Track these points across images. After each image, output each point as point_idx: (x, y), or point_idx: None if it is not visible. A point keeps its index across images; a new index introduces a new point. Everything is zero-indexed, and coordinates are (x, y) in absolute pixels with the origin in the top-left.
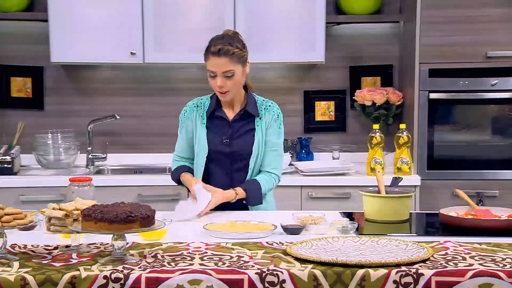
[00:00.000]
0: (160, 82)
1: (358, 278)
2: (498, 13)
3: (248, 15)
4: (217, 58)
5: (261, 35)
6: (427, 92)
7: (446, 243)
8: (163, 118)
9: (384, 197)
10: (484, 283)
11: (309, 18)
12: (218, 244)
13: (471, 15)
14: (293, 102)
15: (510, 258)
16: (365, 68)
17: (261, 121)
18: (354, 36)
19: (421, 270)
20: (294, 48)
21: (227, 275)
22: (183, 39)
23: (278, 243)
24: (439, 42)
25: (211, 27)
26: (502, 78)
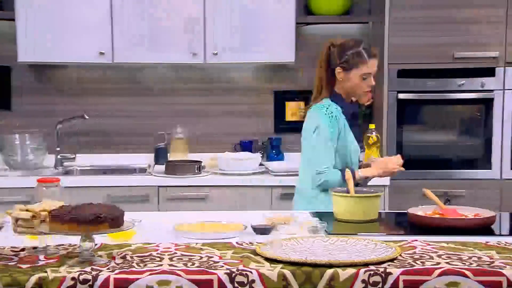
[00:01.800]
0: (130, 82)
1: (327, 277)
2: (465, 15)
3: (218, 15)
4: (374, 60)
5: (231, 36)
6: (395, 93)
7: (414, 242)
8: (133, 118)
9: (353, 197)
10: (451, 281)
11: (279, 18)
12: (188, 245)
13: (439, 16)
14: (264, 102)
15: (476, 256)
16: None
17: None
18: (324, 37)
19: (389, 269)
20: (264, 49)
21: (196, 275)
22: (153, 39)
23: (247, 243)
24: (407, 43)
25: (181, 27)
26: (469, 78)
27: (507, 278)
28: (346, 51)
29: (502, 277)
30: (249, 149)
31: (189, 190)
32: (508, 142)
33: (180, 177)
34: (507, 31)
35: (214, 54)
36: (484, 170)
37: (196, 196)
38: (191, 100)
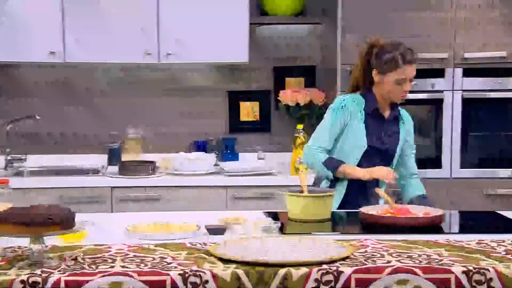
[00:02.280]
0: (82, 82)
1: (280, 277)
2: (416, 16)
3: (171, 15)
4: (410, 66)
5: (185, 36)
6: None
7: (366, 241)
8: (86, 118)
9: (306, 196)
10: (401, 279)
11: (233, 18)
12: (141, 246)
13: (390, 18)
14: (218, 102)
15: (425, 254)
16: (288, 68)
17: (403, 126)
18: (278, 37)
19: (341, 268)
20: (218, 49)
21: (149, 276)
22: (106, 38)
23: (201, 243)
24: (359, 43)
25: (134, 27)
26: (420, 79)
27: (455, 275)
28: (383, 54)
29: (451, 274)
30: (203, 149)
31: (143, 191)
32: (457, 142)
33: (134, 177)
34: (456, 32)
35: (168, 54)
36: (434, 170)
37: (150, 197)
38: (144, 100)
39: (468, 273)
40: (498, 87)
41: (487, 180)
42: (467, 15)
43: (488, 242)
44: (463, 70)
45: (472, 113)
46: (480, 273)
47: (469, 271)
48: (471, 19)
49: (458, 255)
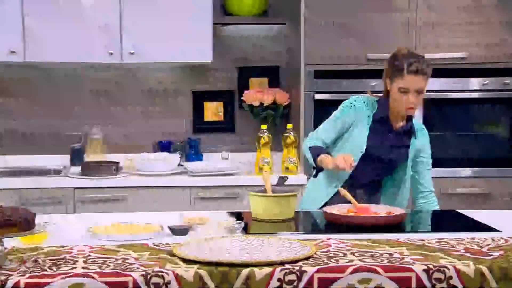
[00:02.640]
0: (44, 81)
1: (243, 277)
2: (378, 18)
3: (135, 14)
4: (414, 76)
5: (148, 35)
6: (312, 93)
7: (329, 240)
8: (48, 118)
9: (269, 196)
10: (363, 278)
11: (196, 18)
12: (103, 247)
13: (353, 19)
14: (182, 102)
15: (387, 253)
16: (252, 69)
17: (416, 141)
18: (242, 37)
19: (304, 268)
20: (182, 49)
21: (110, 277)
22: (67, 38)
23: (164, 244)
24: (323, 44)
25: (96, 26)
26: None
27: (416, 273)
28: (393, 61)
29: (412, 272)
30: (168, 149)
31: (106, 192)
32: None
33: (97, 178)
34: (417, 34)
35: (131, 53)
36: None
37: (113, 197)
38: (109, 100)
39: (428, 272)
40: (458, 87)
41: (447, 179)
42: (428, 17)
43: (448, 240)
44: None
45: (434, 113)
46: (440, 271)
47: (430, 269)
48: (433, 20)
49: (419, 254)
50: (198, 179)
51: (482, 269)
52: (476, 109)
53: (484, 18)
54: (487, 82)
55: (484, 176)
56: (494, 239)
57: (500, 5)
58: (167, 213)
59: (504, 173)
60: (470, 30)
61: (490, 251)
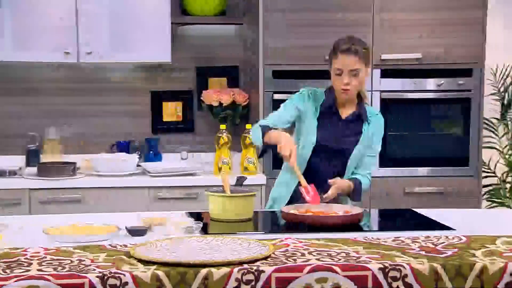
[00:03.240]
0: (19, 81)
1: (201, 277)
2: (336, 17)
3: (92, 14)
4: (346, 56)
5: (106, 35)
6: (271, 93)
7: (287, 240)
8: (2, 118)
9: (227, 196)
10: (320, 277)
11: (155, 18)
12: (58, 249)
13: (312, 19)
14: (140, 102)
15: (344, 252)
16: (212, 69)
17: (368, 127)
18: (201, 37)
19: (262, 267)
20: (140, 48)
21: (66, 279)
22: (23, 36)
23: (121, 245)
24: (281, 44)
25: (53, 25)
26: None
27: (372, 272)
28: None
29: (368, 271)
30: (126, 150)
31: (63, 193)
32: None
33: (53, 179)
34: (374, 34)
35: (88, 53)
36: None
37: (71, 198)
38: (65, 100)
39: (384, 270)
40: (414, 88)
41: (406, 178)
42: (385, 18)
43: (404, 239)
44: (381, 71)
45: (391, 113)
46: (395, 269)
47: (385, 267)
48: (389, 21)
49: (375, 253)
50: (157, 180)
51: (436, 267)
52: (432, 109)
53: (439, 19)
54: (442, 83)
55: (440, 175)
56: (448, 237)
57: (455, 6)
58: (125, 214)
59: (459, 172)
60: (426, 31)
61: (444, 249)
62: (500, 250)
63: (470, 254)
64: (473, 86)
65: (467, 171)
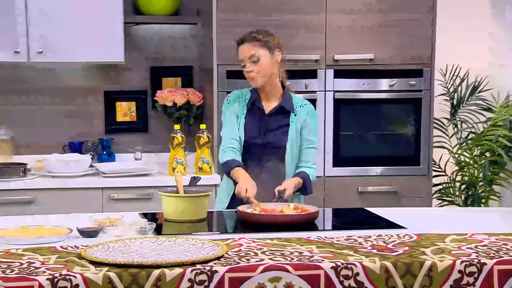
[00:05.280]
0: None
1: (154, 278)
2: (290, 19)
3: (42, 12)
4: (243, 46)
5: (57, 34)
6: (225, 93)
7: (240, 240)
8: None
9: (180, 196)
10: (273, 277)
11: (107, 17)
12: (8, 251)
13: (265, 20)
14: (94, 102)
15: (297, 251)
16: (165, 68)
17: (296, 117)
18: (154, 37)
19: (215, 268)
20: (93, 48)
21: (15, 282)
22: None
23: (73, 246)
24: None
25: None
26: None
27: (325, 270)
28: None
29: (320, 270)
30: (79, 150)
31: (14, 194)
32: (330, 142)
33: (4, 180)
34: (327, 35)
35: (39, 52)
36: None
37: (22, 200)
38: (16, 100)
39: (336, 269)
40: (367, 88)
41: (358, 178)
42: (338, 19)
43: (356, 238)
44: (334, 71)
45: (344, 113)
46: (347, 268)
47: (337, 266)
48: (342, 22)
49: (328, 251)
50: (110, 180)
51: (387, 265)
52: (384, 109)
53: (391, 20)
54: (394, 83)
55: (393, 174)
56: (399, 235)
57: (406, 7)
58: (77, 215)
59: (411, 172)
60: (378, 32)
61: (395, 247)
62: (449, 248)
63: (420, 252)
64: (424, 87)
65: (418, 170)
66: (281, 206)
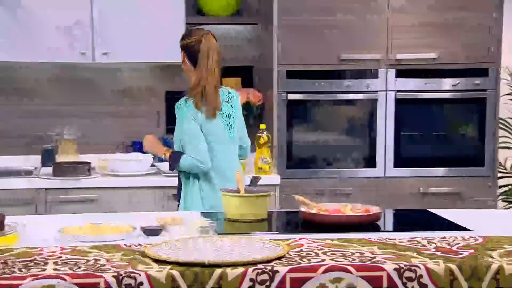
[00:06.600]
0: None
1: (216, 277)
2: (351, 18)
3: (107, 14)
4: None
5: (121, 35)
6: (285, 93)
7: (301, 240)
8: (19, 119)
9: (242, 196)
10: (335, 277)
11: (169, 18)
12: (74, 248)
13: (326, 19)
14: (156, 103)
15: (359, 252)
16: (226, 69)
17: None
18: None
19: (277, 267)
20: (155, 49)
21: (82, 279)
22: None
23: (136, 245)
24: (296, 44)
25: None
26: (357, 80)
27: (387, 272)
28: None
29: (383, 271)
30: (141, 150)
31: (78, 193)
32: (391, 142)
33: (69, 179)
34: (388, 34)
35: (104, 53)
36: (369, 169)
37: (86, 198)
38: (81, 100)
39: (399, 270)
40: (429, 87)
41: (420, 178)
42: (400, 18)
43: (419, 239)
44: (396, 71)
45: (405, 113)
46: (411, 270)
47: (400, 268)
48: (404, 21)
49: (390, 253)
50: (171, 180)
51: (452, 268)
52: (447, 109)
53: (455, 19)
54: (458, 83)
55: (456, 175)
56: (464, 238)
57: (472, 5)
58: (140, 214)
59: (475, 173)
60: (442, 31)
61: (460, 249)
62: None
63: (487, 255)
64: (489, 86)
65: (482, 171)
66: (338, 206)
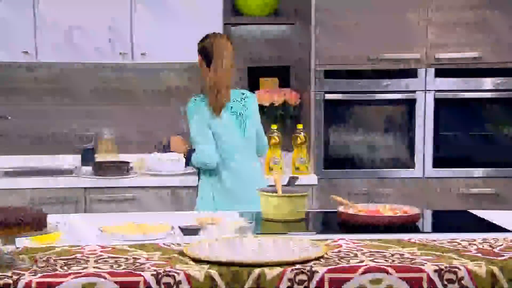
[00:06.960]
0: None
1: (255, 277)
2: (389, 17)
3: (144, 15)
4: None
5: (159, 36)
6: (322, 93)
7: (340, 241)
8: (59, 119)
9: (280, 196)
10: (374, 278)
11: (207, 18)
12: (114, 247)
13: (364, 18)
14: None
15: (398, 253)
16: (263, 69)
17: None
18: (252, 37)
19: (315, 268)
20: (193, 49)
21: (122, 277)
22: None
23: (175, 244)
24: (333, 44)
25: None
26: (394, 79)
27: (427, 274)
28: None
29: (423, 273)
30: None
31: (117, 192)
32: (430, 142)
33: (108, 178)
34: (428, 33)
35: (142, 54)
36: (407, 169)
37: (125, 197)
38: (119, 100)
39: (440, 272)
40: (469, 87)
41: (459, 179)
42: (441, 16)
43: (460, 241)
44: (435, 70)
45: (445, 113)
46: (451, 272)
47: (441, 270)
48: (444, 20)
49: (430, 254)
50: None
51: (494, 270)
52: (487, 109)
53: (497, 17)
54: (500, 82)
55: (496, 176)
56: (506, 239)
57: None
58: (179, 213)
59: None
60: (483, 29)
61: (501, 251)
62: None
63: None
64: None
65: None
66: (377, 206)
